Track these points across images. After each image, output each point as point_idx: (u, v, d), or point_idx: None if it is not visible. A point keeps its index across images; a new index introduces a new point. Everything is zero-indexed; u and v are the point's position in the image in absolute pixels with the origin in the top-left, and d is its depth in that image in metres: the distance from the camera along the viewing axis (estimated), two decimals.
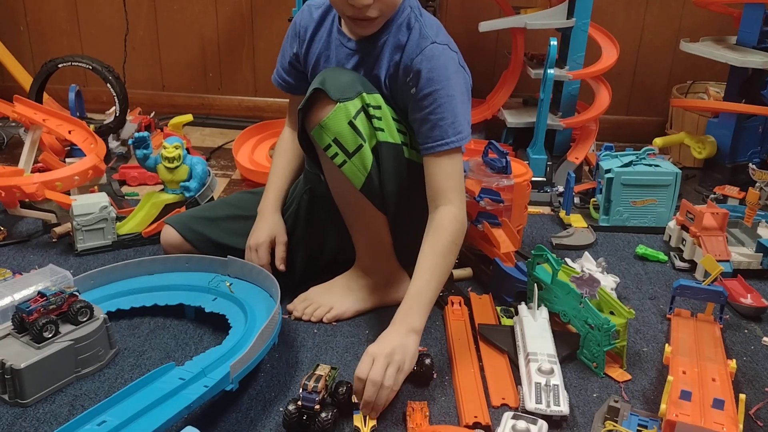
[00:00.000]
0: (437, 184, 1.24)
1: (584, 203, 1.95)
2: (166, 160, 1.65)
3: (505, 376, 1.21)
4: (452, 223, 1.22)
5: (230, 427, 1.07)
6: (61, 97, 2.32)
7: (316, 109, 1.21)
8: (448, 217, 1.22)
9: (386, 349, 1.11)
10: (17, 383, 1.09)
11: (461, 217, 1.24)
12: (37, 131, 1.89)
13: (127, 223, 1.67)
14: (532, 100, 2.29)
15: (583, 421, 1.12)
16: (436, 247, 1.21)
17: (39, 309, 1.15)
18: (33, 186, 1.59)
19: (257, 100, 2.68)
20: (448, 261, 1.22)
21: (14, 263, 1.54)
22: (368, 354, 1.11)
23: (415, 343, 1.15)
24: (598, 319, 1.21)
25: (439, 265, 1.20)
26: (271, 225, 1.42)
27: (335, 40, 1.32)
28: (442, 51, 1.24)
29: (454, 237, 1.22)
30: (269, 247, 1.40)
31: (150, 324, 1.34)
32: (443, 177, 1.23)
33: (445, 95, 1.22)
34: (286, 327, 1.34)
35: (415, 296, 1.18)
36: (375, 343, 1.14)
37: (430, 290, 1.19)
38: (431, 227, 1.22)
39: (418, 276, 1.19)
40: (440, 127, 1.22)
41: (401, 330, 1.15)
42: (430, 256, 1.20)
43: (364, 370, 1.09)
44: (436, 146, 1.22)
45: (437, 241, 1.21)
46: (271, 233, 1.41)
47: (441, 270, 1.21)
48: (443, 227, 1.22)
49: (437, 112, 1.21)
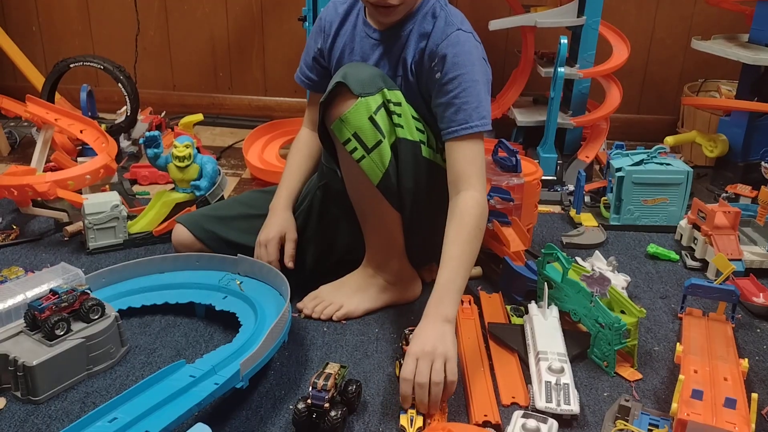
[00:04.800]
0: (459, 168, 1.24)
1: (595, 202, 1.94)
2: (176, 159, 1.66)
3: (515, 375, 1.21)
4: (475, 208, 1.22)
5: (240, 425, 1.08)
6: (73, 97, 2.33)
7: (337, 103, 1.22)
8: (470, 202, 1.22)
9: (427, 347, 1.10)
10: (29, 380, 1.10)
11: (483, 202, 1.24)
12: (49, 131, 1.90)
13: (138, 221, 1.67)
14: (542, 99, 2.28)
15: (594, 420, 1.11)
16: (461, 234, 1.20)
17: (51, 307, 1.16)
18: (45, 185, 1.60)
19: (267, 99, 2.69)
20: (474, 247, 1.22)
21: (26, 261, 1.55)
22: (410, 355, 1.10)
23: (452, 332, 1.13)
24: (609, 318, 1.21)
25: (466, 252, 1.20)
26: (281, 221, 1.42)
27: (360, 32, 1.34)
28: (467, 38, 1.26)
29: (477, 222, 1.22)
30: (279, 243, 1.40)
31: (161, 322, 1.35)
32: (465, 162, 1.24)
33: (470, 80, 1.23)
34: (296, 325, 1.34)
35: (445, 285, 1.17)
36: (413, 342, 1.12)
37: (459, 278, 1.18)
38: (454, 214, 1.22)
39: (445, 265, 1.19)
40: (464, 110, 1.23)
41: (436, 322, 1.14)
42: (456, 244, 1.20)
43: (410, 372, 1.08)
44: (460, 129, 1.23)
45: (462, 228, 1.21)
46: (281, 230, 1.41)
47: (468, 256, 1.20)
48: (467, 213, 1.21)
49: (461, 96, 1.23)
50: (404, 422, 1.06)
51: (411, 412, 1.07)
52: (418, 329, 1.15)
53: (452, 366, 1.10)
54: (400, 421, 1.06)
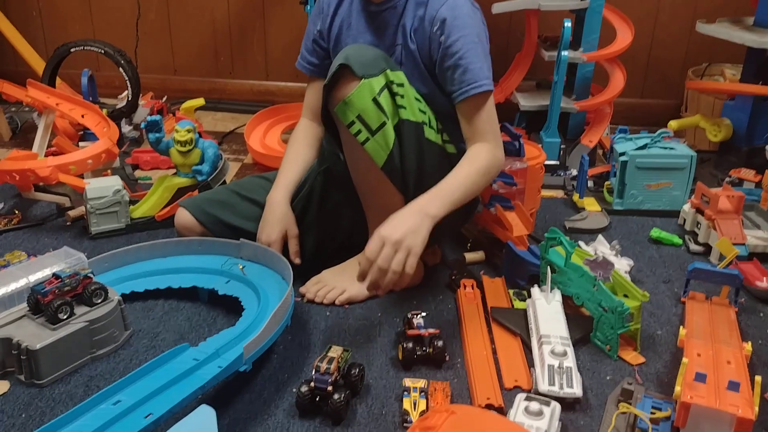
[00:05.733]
0: (473, 128, 1.28)
1: (598, 187, 1.93)
2: (178, 143, 1.66)
3: (517, 359, 1.21)
4: (488, 154, 1.27)
5: (244, 408, 1.08)
6: (74, 82, 2.32)
7: (340, 85, 1.21)
8: (483, 149, 1.28)
9: (396, 235, 1.14)
10: (33, 364, 1.10)
11: (498, 154, 1.30)
12: (50, 115, 1.90)
13: (140, 206, 1.67)
14: (545, 83, 2.27)
15: (597, 403, 1.11)
16: (471, 166, 1.26)
17: (54, 290, 1.16)
18: (47, 169, 1.60)
19: (269, 84, 2.67)
20: (478, 182, 1.27)
21: (29, 246, 1.55)
22: (378, 236, 1.15)
23: (428, 228, 1.17)
24: (612, 302, 1.21)
25: (471, 176, 1.25)
26: (282, 218, 1.41)
27: (356, 6, 1.35)
28: (464, 2, 1.29)
29: (488, 165, 1.27)
30: (282, 242, 1.40)
31: (164, 306, 1.35)
32: (479, 121, 1.27)
33: (472, 41, 1.26)
34: (299, 309, 1.34)
35: (440, 188, 1.22)
36: (387, 224, 1.17)
37: (457, 191, 1.23)
38: (466, 156, 1.28)
39: (447, 178, 1.24)
40: (472, 71, 1.25)
41: (416, 213, 1.18)
42: (464, 167, 1.26)
43: (373, 252, 1.14)
44: (470, 89, 1.26)
45: (472, 162, 1.27)
46: (283, 228, 1.40)
47: (470, 183, 1.25)
48: (479, 156, 1.27)
49: (467, 56, 1.25)
50: (407, 406, 1.06)
51: (414, 396, 1.08)
52: (397, 214, 1.19)
53: (412, 261, 1.15)
54: (403, 404, 1.07)
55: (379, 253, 1.14)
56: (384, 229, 1.16)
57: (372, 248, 1.15)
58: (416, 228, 1.16)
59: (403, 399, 1.08)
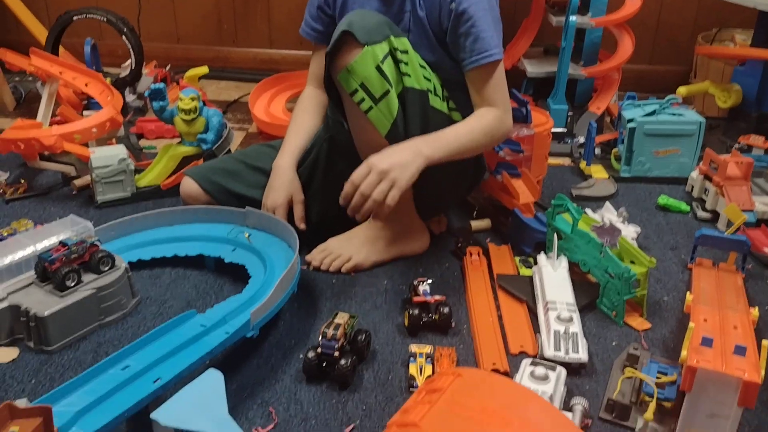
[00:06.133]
0: (483, 96, 1.29)
1: (605, 154, 1.92)
2: (182, 112, 1.64)
3: (523, 325, 1.21)
4: (494, 117, 1.29)
5: (252, 373, 1.09)
6: (77, 51, 2.30)
7: (343, 52, 1.20)
8: (492, 112, 1.29)
9: (384, 164, 1.16)
10: (42, 330, 1.11)
11: (506, 120, 1.31)
12: (53, 84, 1.88)
13: (145, 175, 1.67)
14: (553, 49, 2.24)
15: (602, 368, 1.12)
16: (476, 123, 1.28)
17: (61, 258, 1.16)
18: (51, 138, 1.59)
19: (273, 52, 2.65)
20: (480, 140, 1.29)
21: (35, 215, 1.56)
22: (367, 163, 1.18)
23: (419, 167, 1.19)
24: (619, 268, 1.20)
25: (474, 132, 1.27)
26: (287, 184, 1.41)
27: None
28: None
29: (493, 127, 1.29)
30: (287, 207, 1.40)
31: (171, 274, 1.36)
32: (489, 89, 1.28)
33: (483, 8, 1.25)
34: (305, 277, 1.34)
35: (440, 133, 1.25)
36: (379, 154, 1.19)
37: (457, 141, 1.25)
38: (473, 114, 1.29)
39: (450, 127, 1.26)
40: (483, 39, 1.25)
41: (410, 149, 1.20)
42: (469, 122, 1.28)
43: (359, 177, 1.17)
44: (481, 58, 1.25)
45: (478, 120, 1.28)
46: (288, 193, 1.40)
47: (472, 138, 1.27)
48: (486, 116, 1.29)
49: (478, 24, 1.24)
50: (413, 371, 1.07)
51: (420, 361, 1.08)
52: (394, 146, 1.21)
53: (395, 194, 1.17)
54: (410, 370, 1.07)
55: (363, 179, 1.17)
56: (374, 157, 1.19)
57: (358, 173, 1.18)
58: (406, 163, 1.18)
59: (410, 364, 1.08)
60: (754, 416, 1.03)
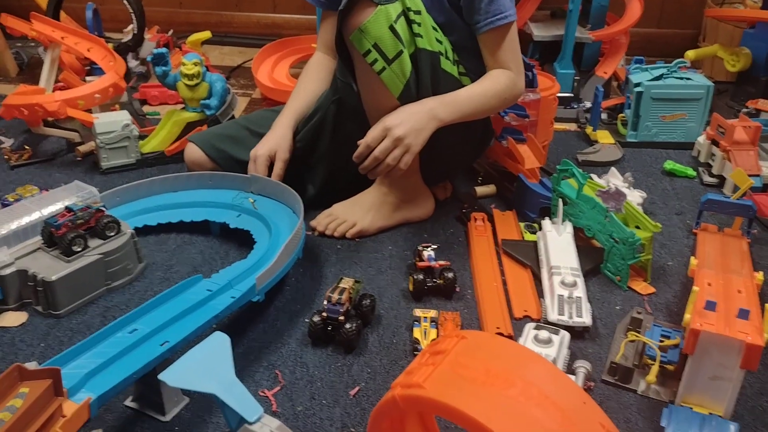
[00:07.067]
0: (496, 59, 1.29)
1: (612, 119, 1.90)
2: (185, 77, 1.63)
3: (527, 290, 1.22)
4: (507, 80, 1.29)
5: (258, 336, 1.10)
6: (79, 17, 2.28)
7: (356, 11, 1.17)
8: (505, 74, 1.29)
9: (399, 131, 1.19)
10: (50, 295, 1.12)
11: (519, 82, 1.31)
12: (56, 49, 1.87)
13: (149, 141, 1.67)
14: (560, 12, 2.21)
15: (605, 332, 1.13)
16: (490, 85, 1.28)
17: (67, 224, 1.17)
18: (55, 104, 1.58)
19: (276, 16, 2.62)
20: (492, 103, 1.30)
21: (40, 181, 1.56)
22: (383, 126, 1.20)
23: (431, 130, 1.22)
24: (624, 233, 1.20)
25: (487, 94, 1.28)
26: (275, 139, 1.40)
27: None
28: None
29: (506, 89, 1.29)
30: (267, 161, 1.39)
31: (177, 240, 1.36)
32: (502, 52, 1.28)
33: None
34: (310, 242, 1.35)
35: (454, 95, 1.26)
36: (394, 115, 1.21)
37: (470, 104, 1.26)
38: (486, 76, 1.30)
39: (464, 89, 1.27)
40: (497, 1, 1.24)
41: (425, 112, 1.22)
42: (482, 84, 1.29)
43: (373, 140, 1.20)
44: (496, 20, 1.25)
45: (491, 83, 1.28)
46: (273, 147, 1.39)
47: (484, 101, 1.28)
48: (499, 79, 1.29)
49: None
50: (418, 335, 1.08)
51: (424, 326, 1.09)
52: (406, 108, 1.23)
53: (408, 159, 1.21)
54: (414, 333, 1.08)
55: (378, 142, 1.19)
56: (390, 120, 1.20)
57: (374, 135, 1.21)
58: (421, 128, 1.20)
59: (414, 328, 1.09)
60: (757, 378, 1.04)
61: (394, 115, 1.21)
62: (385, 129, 1.20)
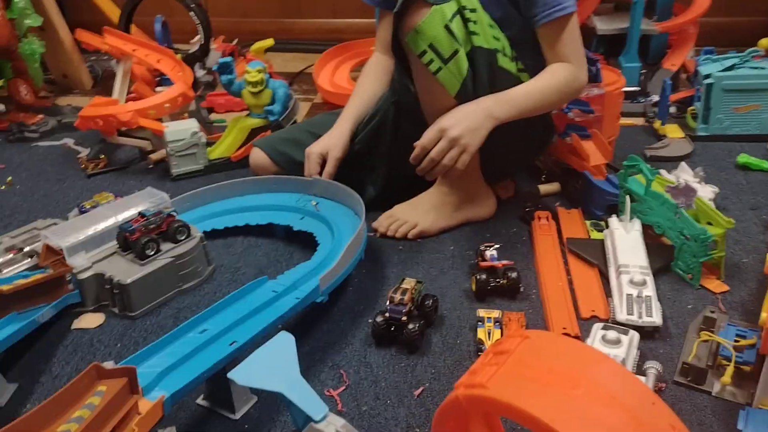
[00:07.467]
0: (556, 52, 1.27)
1: (681, 112, 1.84)
2: (249, 84, 1.68)
3: (594, 289, 1.19)
4: (568, 73, 1.27)
5: (322, 336, 1.12)
6: (148, 29, 2.37)
7: (411, 12, 1.18)
8: (565, 68, 1.27)
9: (455, 132, 1.19)
10: (125, 297, 1.17)
11: (581, 76, 1.28)
12: (127, 62, 1.95)
13: (216, 148, 1.72)
14: (624, 5, 2.15)
15: (677, 332, 1.09)
16: (549, 80, 1.26)
17: (140, 228, 1.21)
18: (127, 114, 1.65)
19: (336, 21, 2.65)
20: (551, 98, 1.28)
21: (115, 188, 1.62)
22: (438, 127, 1.20)
23: (488, 129, 1.21)
24: (695, 230, 1.16)
25: (547, 90, 1.26)
26: (329, 138, 1.42)
27: None
28: None
29: (566, 83, 1.27)
30: (319, 158, 1.41)
31: (243, 242, 1.40)
32: (562, 44, 1.26)
33: None
34: (372, 244, 1.35)
35: (511, 92, 1.24)
36: (449, 115, 1.20)
37: (529, 101, 1.25)
38: (546, 70, 1.27)
39: (521, 85, 1.25)
40: None
41: (481, 111, 1.21)
42: (541, 79, 1.27)
43: (429, 141, 1.20)
44: (555, 12, 1.23)
45: (550, 77, 1.26)
46: (326, 146, 1.41)
47: (544, 96, 1.26)
48: (559, 73, 1.27)
49: None
50: (482, 335, 1.07)
51: (488, 326, 1.08)
52: (464, 106, 1.21)
53: (465, 159, 1.20)
54: (478, 334, 1.07)
55: (434, 143, 1.19)
56: (445, 121, 1.20)
57: (429, 137, 1.21)
58: (477, 127, 1.19)
59: (478, 329, 1.08)
60: None
61: (450, 115, 1.20)
62: (441, 130, 1.20)
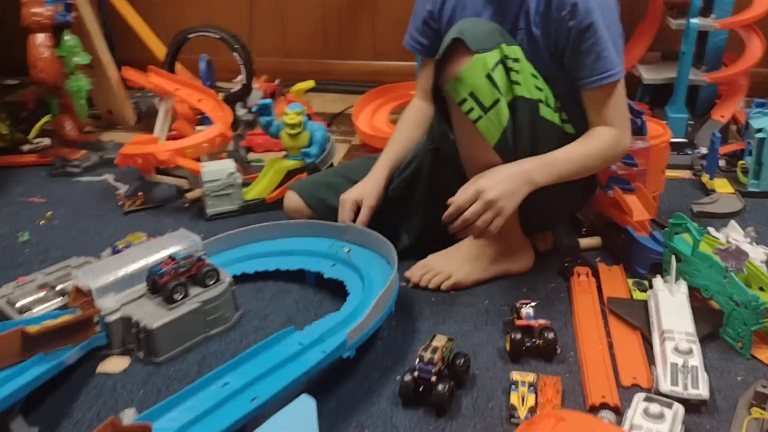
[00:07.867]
0: (601, 116, 1.24)
1: (731, 166, 1.78)
2: (288, 126, 1.68)
3: (636, 355, 1.13)
4: (611, 138, 1.24)
5: (347, 394, 1.08)
6: (193, 67, 2.41)
7: (453, 60, 1.17)
8: (608, 132, 1.24)
9: (492, 194, 1.16)
10: (150, 342, 1.15)
11: (624, 140, 1.26)
12: (169, 100, 1.97)
13: (252, 188, 1.71)
14: (671, 54, 2.10)
15: (725, 406, 1.02)
16: (590, 145, 1.24)
17: (170, 272, 1.20)
18: (165, 153, 1.66)
19: (377, 64, 2.66)
20: (592, 163, 1.26)
21: (150, 227, 1.63)
22: (474, 187, 1.17)
23: (524, 194, 1.18)
24: (746, 296, 1.10)
25: (588, 155, 1.24)
26: (364, 185, 1.41)
27: None
28: None
29: (608, 148, 1.25)
30: (353, 206, 1.39)
31: (273, 288, 1.37)
32: (607, 109, 1.24)
33: (605, 26, 1.20)
34: (404, 294, 1.32)
35: (550, 157, 1.21)
36: (486, 176, 1.18)
37: (568, 166, 1.22)
38: (588, 134, 1.25)
39: (562, 149, 1.22)
40: (605, 58, 1.20)
41: (519, 175, 1.18)
42: (582, 143, 1.24)
43: (464, 202, 1.17)
44: (602, 79, 1.21)
45: (592, 141, 1.24)
46: (360, 194, 1.39)
47: (584, 162, 1.24)
48: (601, 137, 1.24)
49: (600, 42, 1.19)
50: (515, 400, 1.02)
51: (522, 390, 1.03)
52: (502, 167, 1.19)
53: (499, 222, 1.18)
54: (511, 399, 1.02)
55: (469, 204, 1.16)
56: (482, 182, 1.17)
57: (464, 198, 1.18)
58: (514, 191, 1.17)
59: (511, 393, 1.03)
60: None
61: (489, 176, 1.17)
62: (478, 191, 1.17)
